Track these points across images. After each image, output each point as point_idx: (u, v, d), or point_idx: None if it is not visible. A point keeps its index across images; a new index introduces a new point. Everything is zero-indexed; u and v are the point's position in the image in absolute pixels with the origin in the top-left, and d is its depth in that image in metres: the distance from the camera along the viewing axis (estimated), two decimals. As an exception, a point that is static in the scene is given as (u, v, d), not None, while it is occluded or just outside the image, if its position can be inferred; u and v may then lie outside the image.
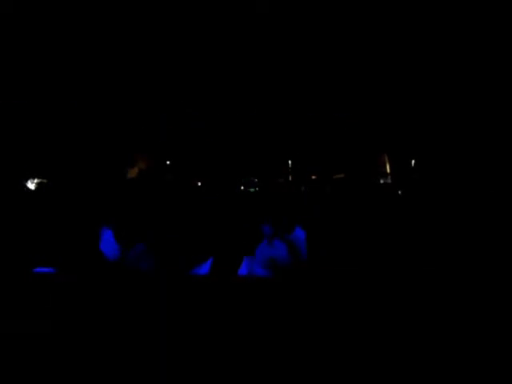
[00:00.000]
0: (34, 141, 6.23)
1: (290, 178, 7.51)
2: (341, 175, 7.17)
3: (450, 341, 1.79)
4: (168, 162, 6.86)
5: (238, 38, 6.01)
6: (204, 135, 6.96)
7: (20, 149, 6.14)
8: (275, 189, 7.31)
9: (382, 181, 7.16)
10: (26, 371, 1.83)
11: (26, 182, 5.99)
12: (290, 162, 7.43)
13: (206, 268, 2.20)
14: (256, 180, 7.24)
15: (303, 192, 7.20)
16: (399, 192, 6.53)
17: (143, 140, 6.53)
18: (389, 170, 7.11)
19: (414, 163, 6.79)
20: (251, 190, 7.13)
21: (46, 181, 6.10)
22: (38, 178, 6.11)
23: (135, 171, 6.22)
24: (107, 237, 2.73)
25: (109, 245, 2.67)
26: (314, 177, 7.40)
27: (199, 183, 7.02)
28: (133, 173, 6.23)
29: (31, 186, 6.01)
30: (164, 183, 6.43)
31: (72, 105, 6.21)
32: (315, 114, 6.65)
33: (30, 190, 5.93)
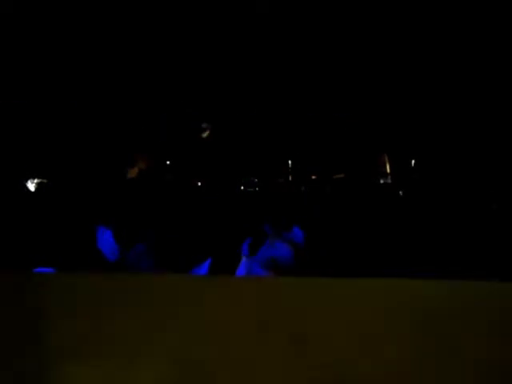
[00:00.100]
0: (34, 141, 6.23)
1: (290, 178, 7.51)
2: (341, 175, 7.17)
3: (450, 342, 1.80)
4: (168, 162, 6.86)
5: (237, 37, 6.01)
6: (204, 135, 6.97)
7: (20, 149, 6.14)
8: (275, 189, 7.31)
9: (382, 181, 7.16)
10: (26, 371, 1.83)
11: (26, 182, 6.00)
12: (290, 161, 7.43)
13: (205, 268, 2.20)
14: (256, 180, 7.24)
15: (303, 192, 7.21)
16: (400, 192, 6.53)
17: (143, 140, 6.53)
18: (389, 170, 7.11)
19: (414, 163, 6.79)
20: (251, 190, 7.13)
21: (46, 181, 6.10)
22: (37, 178, 6.11)
23: (135, 171, 6.21)
24: (106, 237, 2.74)
25: (108, 245, 2.68)
26: (314, 177, 7.41)
27: (199, 183, 7.03)
28: (133, 173, 6.22)
29: (31, 186, 6.02)
30: (164, 183, 6.43)
31: (72, 105, 6.22)
32: (315, 113, 6.66)
33: (30, 190, 5.94)
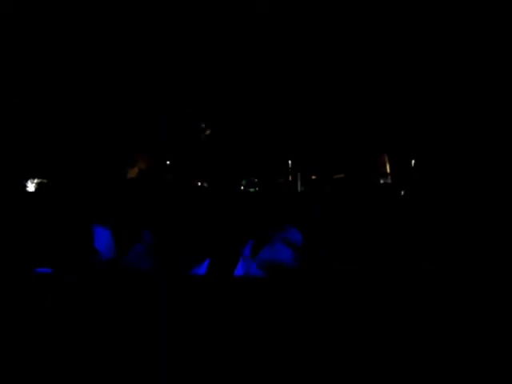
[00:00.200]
0: (33, 141, 6.23)
1: (290, 178, 7.50)
2: (341, 175, 7.16)
3: (449, 340, 1.79)
4: (168, 162, 6.85)
5: (237, 37, 6.01)
6: (204, 136, 6.97)
7: (20, 149, 6.14)
8: (275, 189, 7.30)
9: (382, 181, 7.16)
10: (26, 371, 1.83)
11: (26, 182, 5.99)
12: (289, 162, 7.43)
13: (205, 268, 2.20)
14: (256, 180, 7.24)
15: (303, 192, 7.20)
16: (401, 193, 6.52)
17: (143, 140, 6.52)
18: (389, 170, 7.10)
19: (414, 163, 6.79)
20: (251, 190, 7.13)
21: (46, 181, 6.09)
22: (37, 178, 6.10)
23: (135, 171, 6.22)
24: (106, 237, 2.73)
25: (107, 245, 2.68)
26: (314, 177, 7.40)
27: (199, 183, 7.02)
28: (133, 173, 6.22)
29: (31, 186, 6.01)
30: (164, 183, 6.43)
31: (72, 105, 6.22)
32: (315, 113, 6.65)
33: (30, 190, 5.93)
